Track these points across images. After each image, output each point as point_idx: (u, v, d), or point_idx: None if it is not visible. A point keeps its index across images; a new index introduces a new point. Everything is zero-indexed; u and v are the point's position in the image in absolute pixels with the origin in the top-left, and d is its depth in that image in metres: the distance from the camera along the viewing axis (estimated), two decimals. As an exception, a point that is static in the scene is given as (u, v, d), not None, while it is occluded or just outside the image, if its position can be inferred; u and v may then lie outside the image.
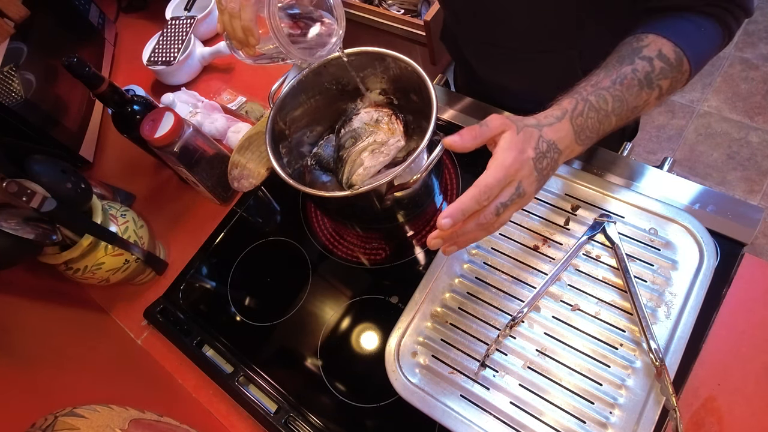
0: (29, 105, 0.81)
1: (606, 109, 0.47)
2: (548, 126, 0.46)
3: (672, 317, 0.55)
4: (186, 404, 0.67)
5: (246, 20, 0.49)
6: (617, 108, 0.48)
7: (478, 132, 0.43)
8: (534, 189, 0.45)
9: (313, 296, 0.71)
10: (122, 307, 0.78)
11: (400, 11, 1.35)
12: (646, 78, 0.48)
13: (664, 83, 0.49)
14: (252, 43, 0.50)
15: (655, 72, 0.48)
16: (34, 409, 0.46)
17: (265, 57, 0.55)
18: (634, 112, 0.49)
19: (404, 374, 0.57)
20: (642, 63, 0.48)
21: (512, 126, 0.44)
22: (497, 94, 0.81)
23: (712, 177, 1.60)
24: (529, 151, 0.44)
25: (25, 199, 0.56)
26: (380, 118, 0.66)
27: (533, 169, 0.44)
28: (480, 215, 0.43)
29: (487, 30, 0.69)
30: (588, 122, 0.47)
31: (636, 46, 0.49)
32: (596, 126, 0.48)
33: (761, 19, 1.82)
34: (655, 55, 0.48)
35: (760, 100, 1.68)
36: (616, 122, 0.49)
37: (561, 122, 0.46)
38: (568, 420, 0.52)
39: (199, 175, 0.76)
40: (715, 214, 0.62)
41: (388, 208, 0.63)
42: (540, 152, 0.44)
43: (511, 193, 0.43)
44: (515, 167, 0.43)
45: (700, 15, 0.50)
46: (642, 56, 0.48)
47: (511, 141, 0.43)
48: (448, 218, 0.41)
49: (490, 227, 0.44)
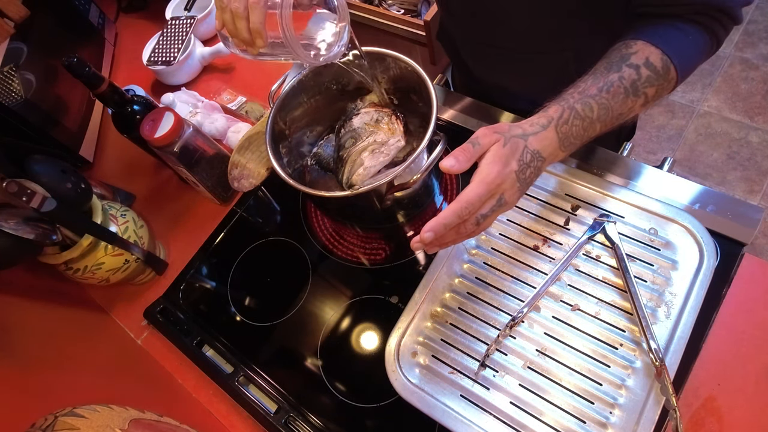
0: (29, 105, 0.81)
1: (591, 117, 0.48)
2: (533, 135, 0.47)
3: (672, 317, 0.55)
4: (186, 404, 0.67)
5: (256, 23, 0.47)
6: (602, 115, 0.49)
7: (472, 153, 0.45)
8: (516, 198, 0.47)
9: (313, 296, 0.71)
10: (122, 307, 0.78)
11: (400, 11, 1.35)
12: (632, 86, 0.49)
13: (650, 91, 0.50)
14: (259, 44, 0.49)
15: (642, 80, 0.49)
16: (34, 409, 0.46)
17: (267, 55, 0.53)
18: (619, 118, 0.50)
19: (404, 374, 0.57)
20: (629, 71, 0.49)
21: (500, 138, 0.46)
22: (493, 92, 0.81)
23: (712, 177, 1.60)
24: (513, 164, 0.45)
25: (25, 199, 0.56)
26: (380, 118, 0.66)
27: (516, 181, 0.46)
28: (461, 226, 0.45)
29: (485, 30, 0.69)
30: (573, 130, 0.48)
31: (624, 53, 0.50)
32: (581, 133, 0.49)
33: (761, 19, 1.82)
34: (642, 63, 0.49)
35: (760, 100, 1.68)
36: (600, 128, 0.50)
37: (546, 131, 0.47)
38: (568, 420, 0.52)
39: (199, 175, 0.76)
40: (715, 214, 0.62)
41: (388, 208, 0.63)
42: (524, 164, 0.46)
43: (492, 205, 0.45)
44: (497, 182, 0.44)
45: (689, 23, 0.50)
46: (629, 64, 0.49)
47: (495, 155, 0.45)
48: (430, 232, 0.43)
49: (470, 234, 0.47)
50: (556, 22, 0.62)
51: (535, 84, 0.74)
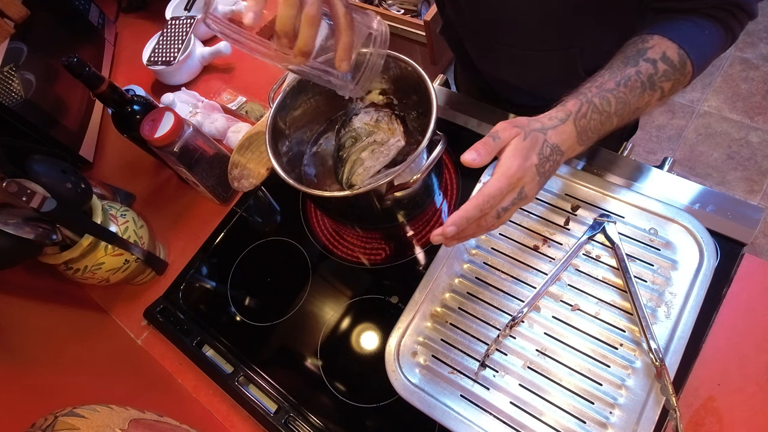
0: (29, 105, 0.81)
1: (609, 111, 0.49)
2: (552, 129, 0.47)
3: (672, 317, 0.55)
4: (186, 404, 0.67)
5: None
6: (620, 109, 0.49)
7: (492, 146, 0.45)
8: (535, 191, 0.47)
9: (313, 296, 0.71)
10: (122, 307, 0.78)
11: (400, 11, 1.35)
12: (649, 80, 0.49)
13: (667, 85, 0.50)
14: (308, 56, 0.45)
15: (658, 74, 0.49)
16: (34, 409, 0.46)
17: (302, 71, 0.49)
18: (635, 112, 0.50)
19: (404, 374, 0.57)
20: (646, 65, 0.49)
21: (520, 132, 0.46)
22: (496, 88, 0.81)
23: (712, 177, 1.60)
24: (533, 158, 0.45)
25: (25, 199, 0.56)
26: (380, 118, 0.66)
27: (536, 174, 0.46)
28: (482, 219, 0.45)
29: (490, 26, 0.68)
30: (591, 124, 0.48)
31: (641, 47, 0.50)
32: (598, 127, 0.49)
33: (761, 19, 1.82)
34: (659, 57, 0.49)
35: (760, 100, 1.68)
36: (617, 122, 0.50)
37: (565, 124, 0.47)
38: (568, 420, 0.52)
39: (199, 175, 0.76)
40: (715, 214, 0.62)
41: (388, 208, 0.63)
42: (543, 157, 0.46)
43: (513, 198, 0.45)
44: (518, 176, 0.44)
45: (705, 18, 0.51)
46: (646, 58, 0.49)
47: (515, 148, 0.45)
48: (452, 227, 0.44)
49: (491, 227, 0.47)
50: (564, 19, 0.62)
51: (540, 80, 0.74)
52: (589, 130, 0.49)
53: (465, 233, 0.46)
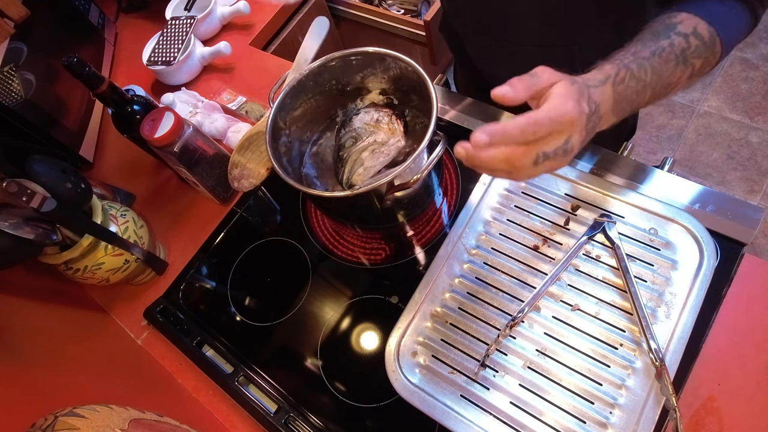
0: (29, 105, 0.81)
1: (645, 80, 0.46)
2: (594, 87, 0.43)
3: (672, 317, 0.55)
4: (186, 404, 0.67)
5: None
6: (654, 81, 0.46)
7: (529, 83, 0.39)
8: (578, 147, 0.41)
9: (313, 296, 0.71)
10: (122, 307, 0.78)
11: (400, 11, 1.35)
12: (682, 54, 0.47)
13: (698, 62, 0.48)
14: None
15: (691, 49, 0.47)
16: (34, 409, 0.46)
17: None
18: (666, 89, 0.48)
19: (404, 374, 0.57)
20: (678, 39, 0.47)
21: (564, 77, 0.41)
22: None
23: (712, 177, 1.60)
24: (584, 105, 0.40)
25: (25, 199, 0.56)
26: (380, 118, 0.66)
27: (584, 127, 0.40)
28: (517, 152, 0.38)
29: (490, 23, 0.68)
30: (627, 92, 0.45)
31: (669, 22, 0.48)
32: (633, 97, 0.46)
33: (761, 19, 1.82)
34: (690, 32, 0.47)
35: (760, 100, 1.68)
36: (649, 97, 0.47)
37: (604, 86, 0.44)
38: (568, 420, 0.52)
39: (199, 175, 0.76)
40: (715, 214, 0.62)
41: (388, 208, 0.63)
42: (590, 111, 0.41)
43: (559, 145, 0.39)
44: (571, 116, 0.38)
45: None
46: (677, 32, 0.47)
47: (567, 89, 0.39)
48: (485, 135, 0.37)
49: (519, 172, 0.40)
50: (564, 16, 0.61)
51: None
52: (626, 98, 0.45)
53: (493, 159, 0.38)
